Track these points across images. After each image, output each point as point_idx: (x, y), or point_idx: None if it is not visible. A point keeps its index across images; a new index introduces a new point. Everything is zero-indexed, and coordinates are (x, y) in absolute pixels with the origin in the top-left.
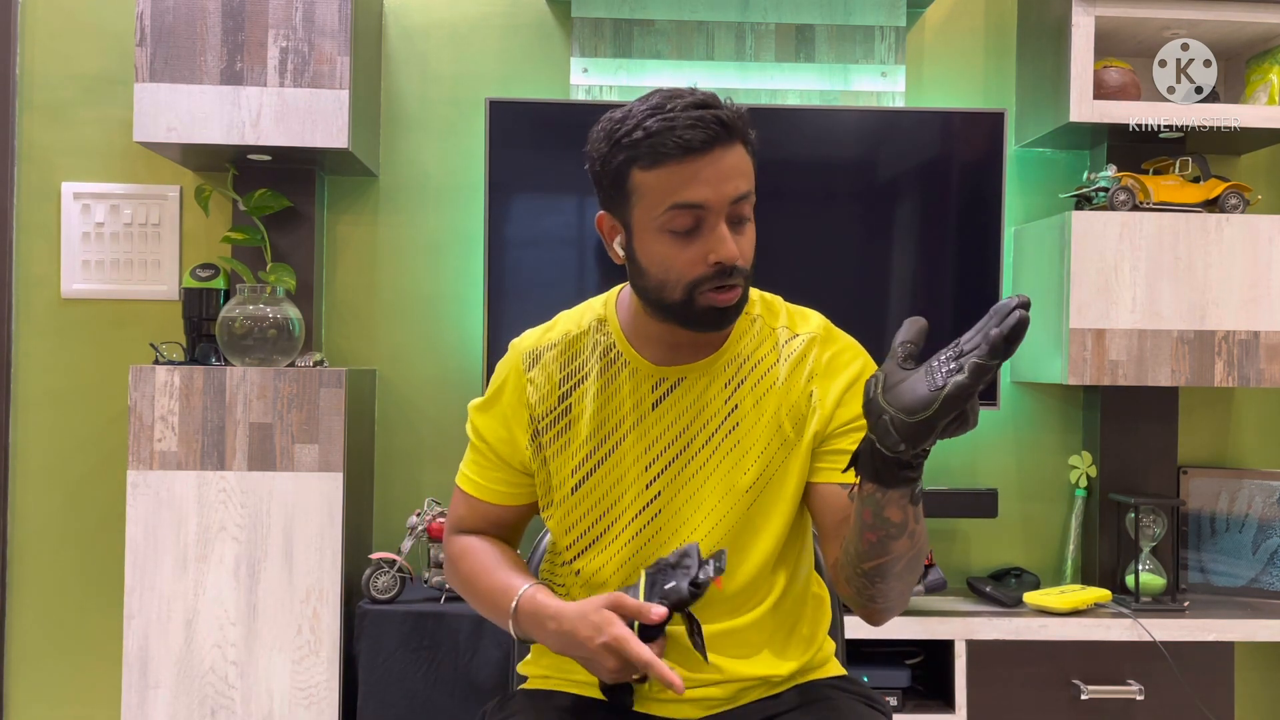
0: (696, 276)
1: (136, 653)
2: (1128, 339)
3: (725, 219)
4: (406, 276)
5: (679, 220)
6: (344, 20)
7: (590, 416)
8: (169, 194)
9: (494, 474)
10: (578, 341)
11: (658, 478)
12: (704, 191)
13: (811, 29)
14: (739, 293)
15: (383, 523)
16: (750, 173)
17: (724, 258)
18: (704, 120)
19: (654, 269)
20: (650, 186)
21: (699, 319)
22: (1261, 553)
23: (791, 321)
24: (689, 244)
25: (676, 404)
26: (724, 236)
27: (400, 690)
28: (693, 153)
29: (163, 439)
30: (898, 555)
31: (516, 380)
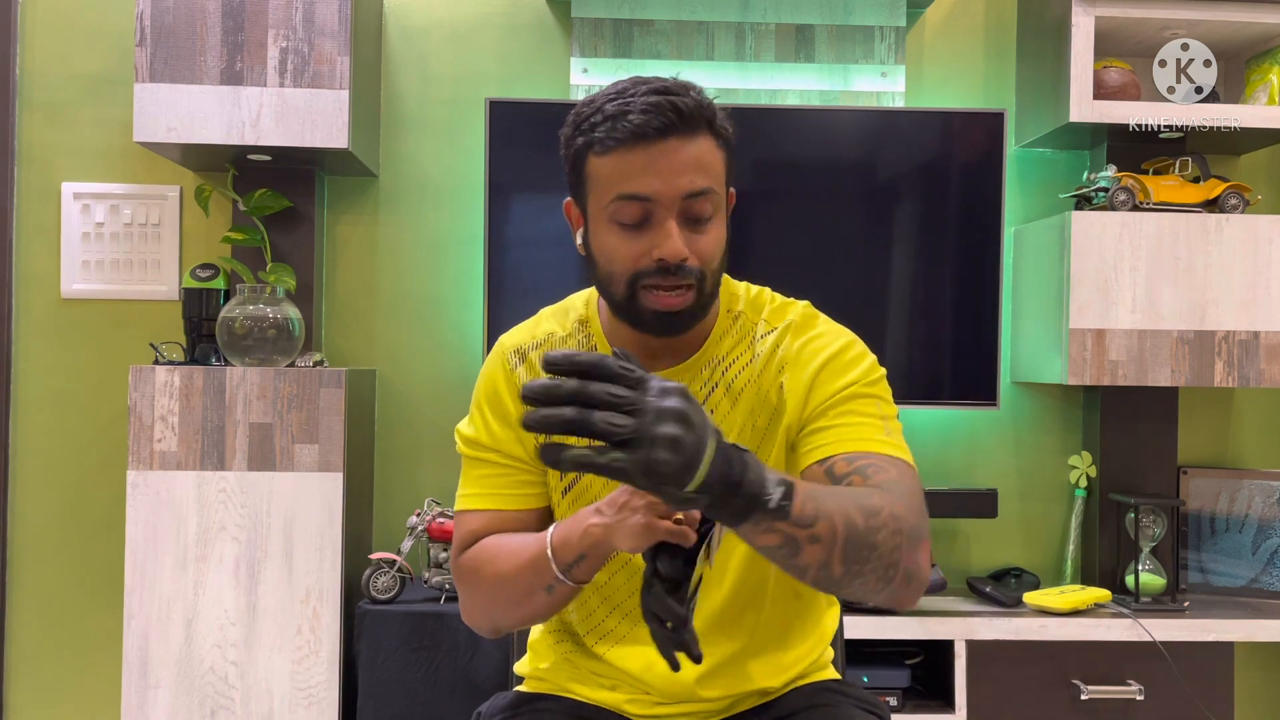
0: (638, 270)
1: (136, 652)
2: (1127, 339)
3: (677, 215)
4: (406, 276)
5: (626, 211)
6: (344, 20)
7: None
8: (169, 194)
9: (511, 477)
10: (562, 343)
11: None
12: (652, 183)
13: (811, 29)
14: (689, 296)
15: (382, 523)
16: (715, 168)
17: (666, 254)
18: (659, 107)
19: (601, 261)
20: (603, 174)
21: (643, 320)
22: (1261, 553)
23: (771, 315)
24: (636, 237)
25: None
26: (669, 232)
27: (400, 690)
28: (644, 140)
29: (163, 439)
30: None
31: (506, 378)
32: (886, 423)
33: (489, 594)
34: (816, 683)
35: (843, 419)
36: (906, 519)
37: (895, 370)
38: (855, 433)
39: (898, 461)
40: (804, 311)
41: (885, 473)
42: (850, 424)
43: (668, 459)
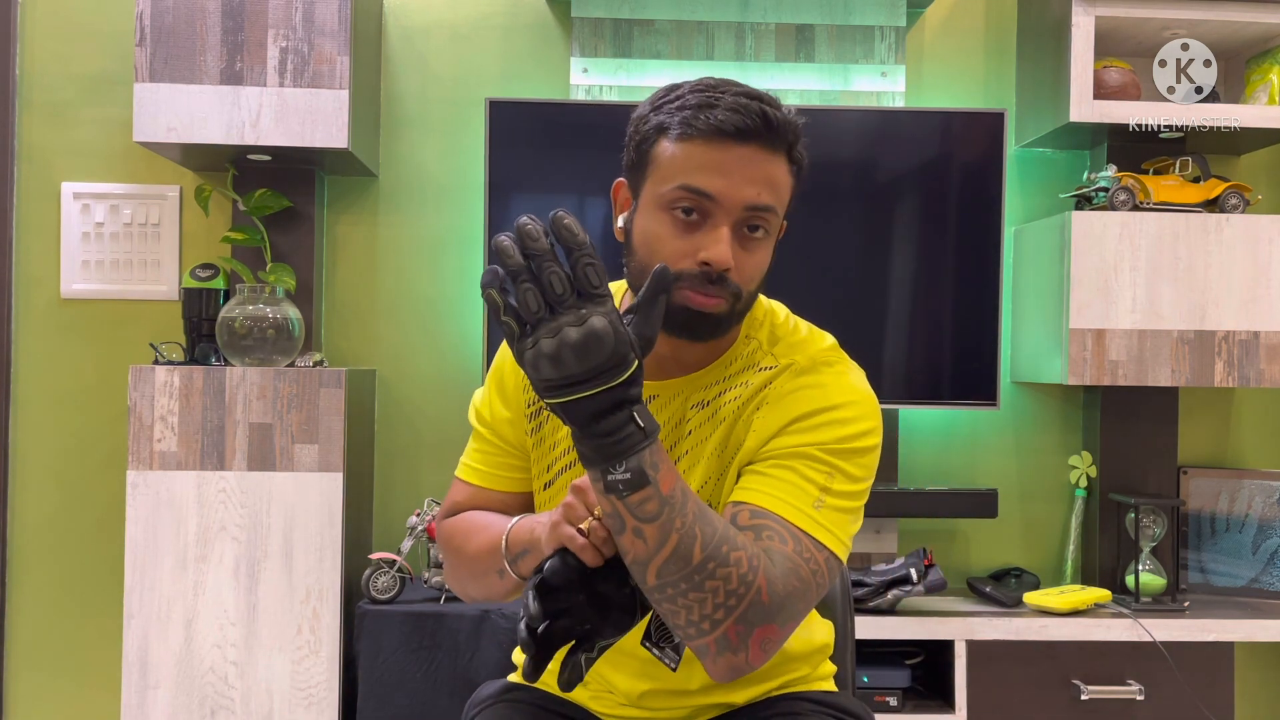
0: (679, 270)
1: (136, 653)
2: (1128, 339)
3: (733, 223)
4: (406, 276)
5: (684, 202)
6: (344, 20)
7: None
8: (169, 194)
9: (499, 459)
10: None
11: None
12: (719, 182)
13: (811, 29)
14: (721, 304)
15: (382, 523)
16: (782, 190)
17: (713, 258)
18: (748, 110)
19: (642, 249)
20: (670, 159)
21: (672, 317)
22: (1261, 553)
23: (783, 351)
24: (686, 233)
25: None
26: (721, 238)
27: (400, 690)
28: (724, 137)
29: (162, 439)
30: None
31: (514, 371)
32: (825, 496)
33: (457, 565)
34: (793, 693)
35: (777, 473)
36: (762, 589)
37: (895, 370)
38: (780, 491)
39: (804, 538)
40: (820, 355)
41: (780, 542)
42: (782, 481)
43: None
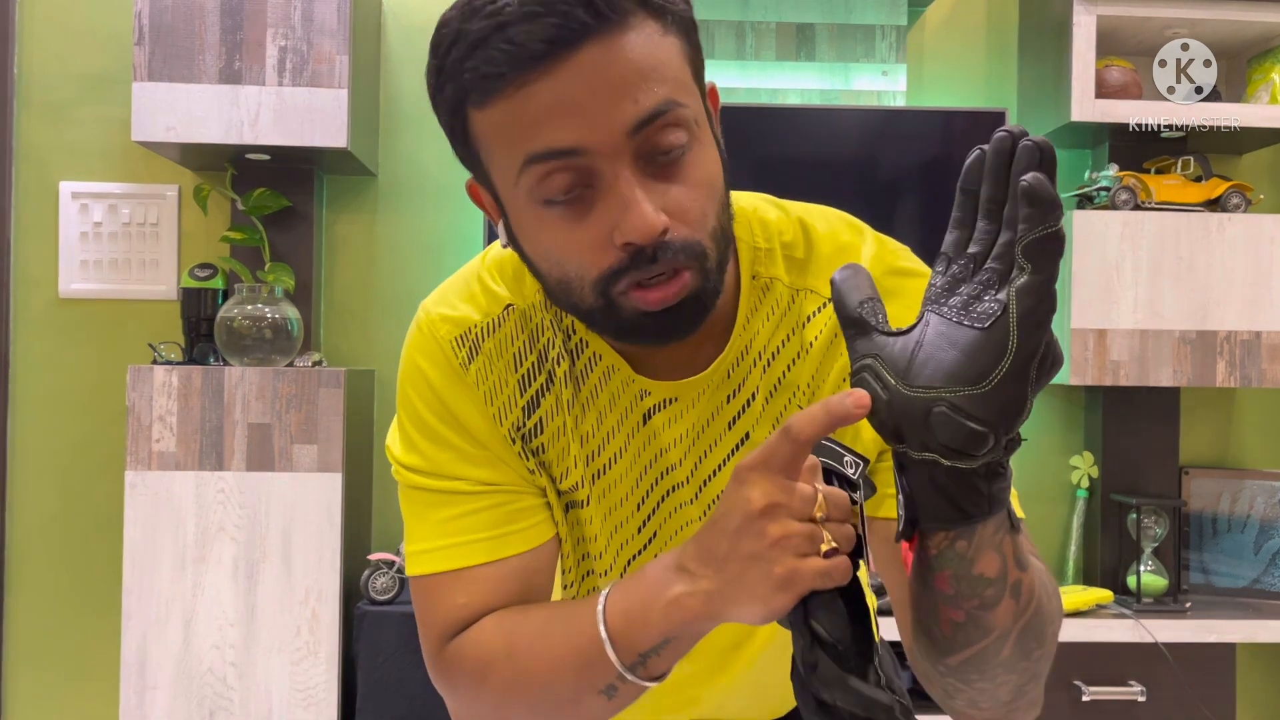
0: (605, 270)
1: (135, 654)
2: (1129, 339)
3: (630, 165)
4: (406, 276)
5: (549, 184)
6: (343, 19)
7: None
8: (167, 193)
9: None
10: (527, 320)
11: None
12: (571, 126)
13: (812, 28)
14: (686, 280)
15: (382, 523)
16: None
17: (633, 235)
18: (549, 5)
19: (543, 264)
20: (494, 137)
21: (636, 332)
22: (1263, 553)
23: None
24: (580, 219)
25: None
26: (628, 199)
27: (399, 691)
28: (538, 62)
29: (161, 439)
30: (1000, 632)
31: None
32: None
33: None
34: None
35: None
36: (1060, 615)
37: None
38: None
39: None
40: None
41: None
42: None
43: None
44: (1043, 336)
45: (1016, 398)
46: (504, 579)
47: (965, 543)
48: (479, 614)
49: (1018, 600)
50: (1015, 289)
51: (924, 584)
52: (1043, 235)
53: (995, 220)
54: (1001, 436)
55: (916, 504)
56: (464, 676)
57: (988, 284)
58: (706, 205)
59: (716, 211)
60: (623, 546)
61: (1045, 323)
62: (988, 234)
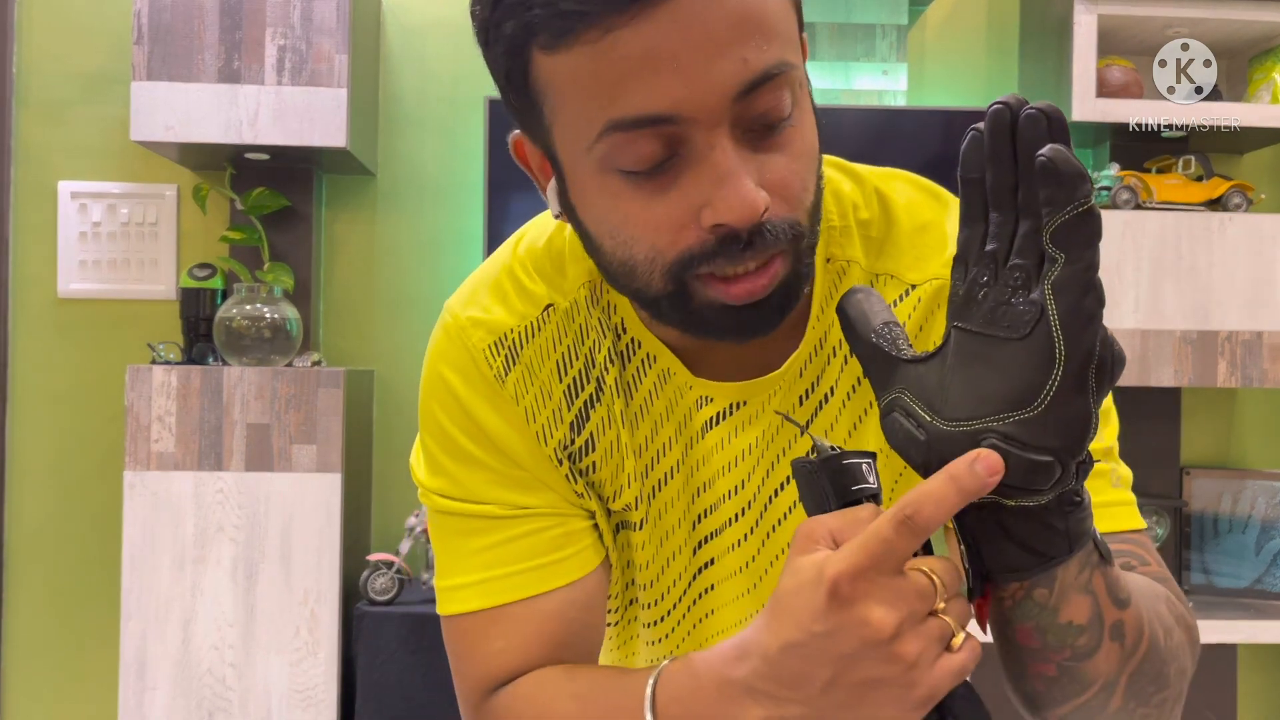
0: (684, 252)
1: (134, 654)
2: (1130, 339)
3: (730, 131)
4: (405, 276)
5: (633, 150)
6: (342, 19)
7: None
8: (166, 193)
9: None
10: (571, 321)
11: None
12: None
13: (813, 27)
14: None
15: (381, 524)
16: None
17: (732, 218)
18: None
19: (608, 241)
20: (567, 85)
21: (709, 326)
22: (1265, 554)
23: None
24: (662, 194)
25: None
26: (725, 173)
27: (398, 692)
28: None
29: (160, 439)
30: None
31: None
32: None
33: None
34: None
35: None
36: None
37: None
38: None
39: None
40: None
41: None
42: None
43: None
44: (1095, 334)
45: (1079, 414)
46: (549, 618)
47: (1045, 591)
48: (520, 661)
49: (1122, 644)
50: (1051, 284)
51: (1005, 639)
52: (1074, 216)
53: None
54: (1070, 462)
55: (983, 555)
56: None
57: (1017, 285)
58: (808, 179)
59: (817, 189)
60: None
61: (1095, 318)
62: (1004, 226)
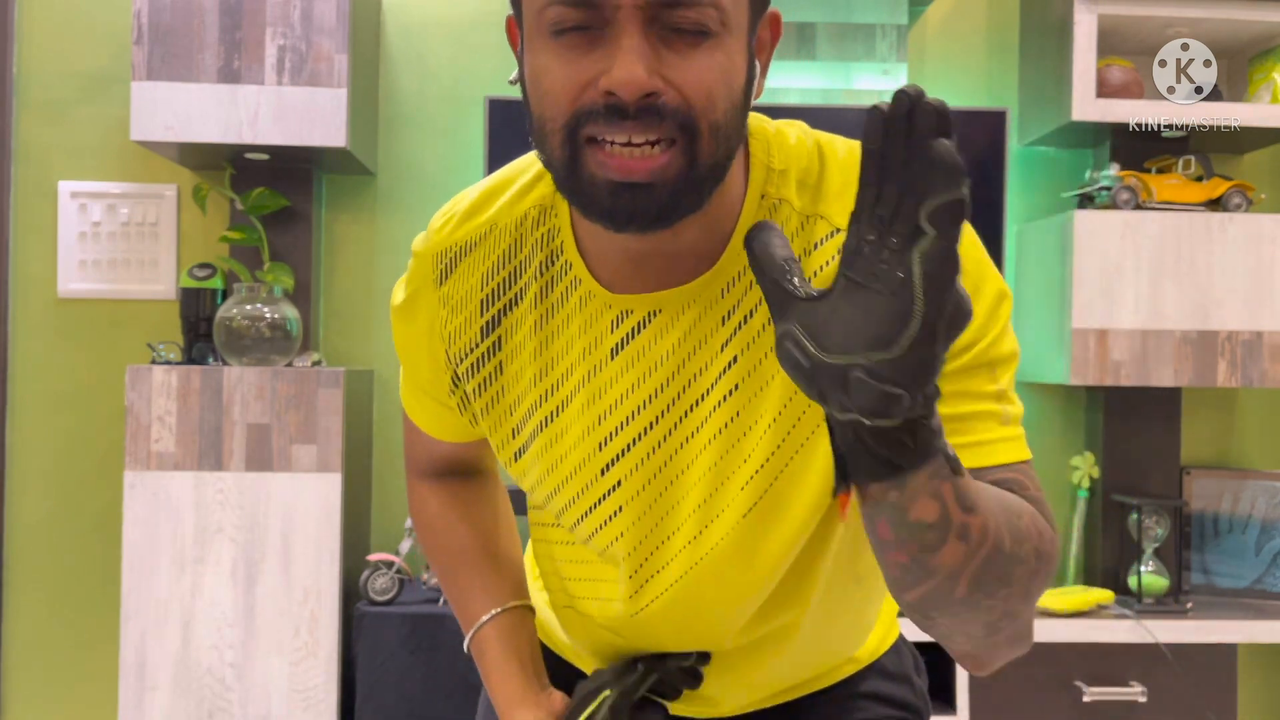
0: (576, 110)
1: (134, 654)
2: (1130, 339)
3: (642, 25)
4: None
5: (566, 18)
6: (342, 18)
7: (528, 354)
8: (166, 193)
9: (429, 404)
10: (510, 237)
11: (615, 462)
12: None
13: (813, 27)
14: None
15: (381, 524)
16: None
17: (614, 82)
18: None
19: (533, 94)
20: None
21: (594, 200)
22: (1265, 554)
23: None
24: (578, 58)
25: (646, 351)
26: (626, 49)
27: (398, 692)
28: None
29: (160, 439)
30: (949, 571)
31: (427, 298)
32: (1004, 405)
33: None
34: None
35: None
36: (1048, 556)
37: None
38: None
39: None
40: None
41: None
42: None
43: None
44: (949, 298)
45: (927, 358)
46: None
47: (898, 492)
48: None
49: (966, 542)
50: (920, 253)
51: (870, 532)
52: (950, 201)
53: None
54: (918, 395)
55: (847, 460)
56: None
57: (895, 248)
58: (714, 90)
59: (726, 109)
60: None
61: (950, 284)
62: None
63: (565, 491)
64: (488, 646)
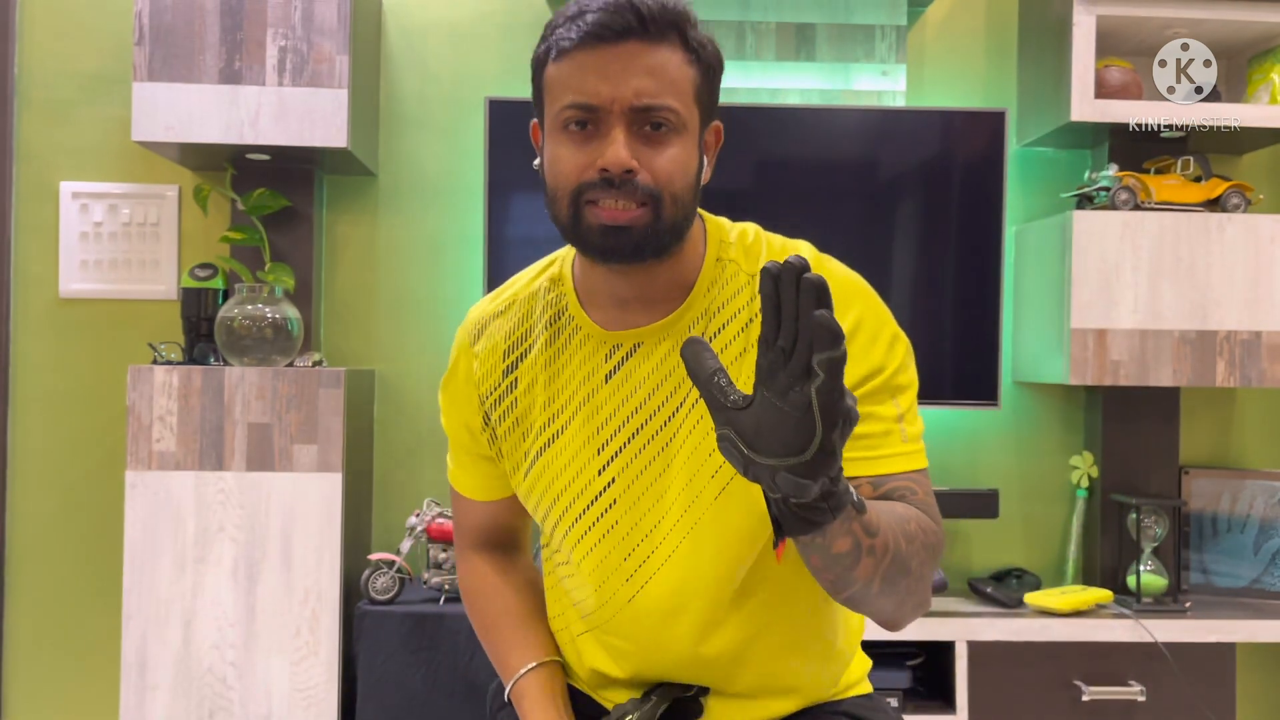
0: (581, 182)
1: (135, 654)
2: (1129, 339)
3: (626, 125)
4: (406, 276)
5: (574, 117)
6: (343, 19)
7: (539, 389)
8: (167, 193)
9: (470, 465)
10: (526, 305)
11: (610, 462)
12: (600, 87)
13: (812, 28)
14: (641, 214)
15: (382, 523)
16: (679, 84)
17: (607, 161)
18: (618, 7)
19: (549, 176)
20: (555, 81)
21: (590, 241)
22: (1263, 553)
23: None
24: (582, 148)
25: (632, 375)
26: (612, 140)
27: (399, 691)
28: (599, 42)
29: (161, 439)
30: (865, 579)
31: (465, 358)
32: (903, 426)
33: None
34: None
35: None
36: (933, 542)
37: None
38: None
39: (921, 476)
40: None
41: (913, 494)
42: (869, 435)
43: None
44: (838, 416)
45: (828, 458)
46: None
47: (821, 538)
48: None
49: (875, 557)
50: (816, 389)
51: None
52: (832, 357)
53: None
54: (824, 482)
55: (779, 524)
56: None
57: (796, 376)
58: (674, 175)
59: (681, 189)
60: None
61: (839, 407)
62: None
63: (569, 493)
64: (527, 691)
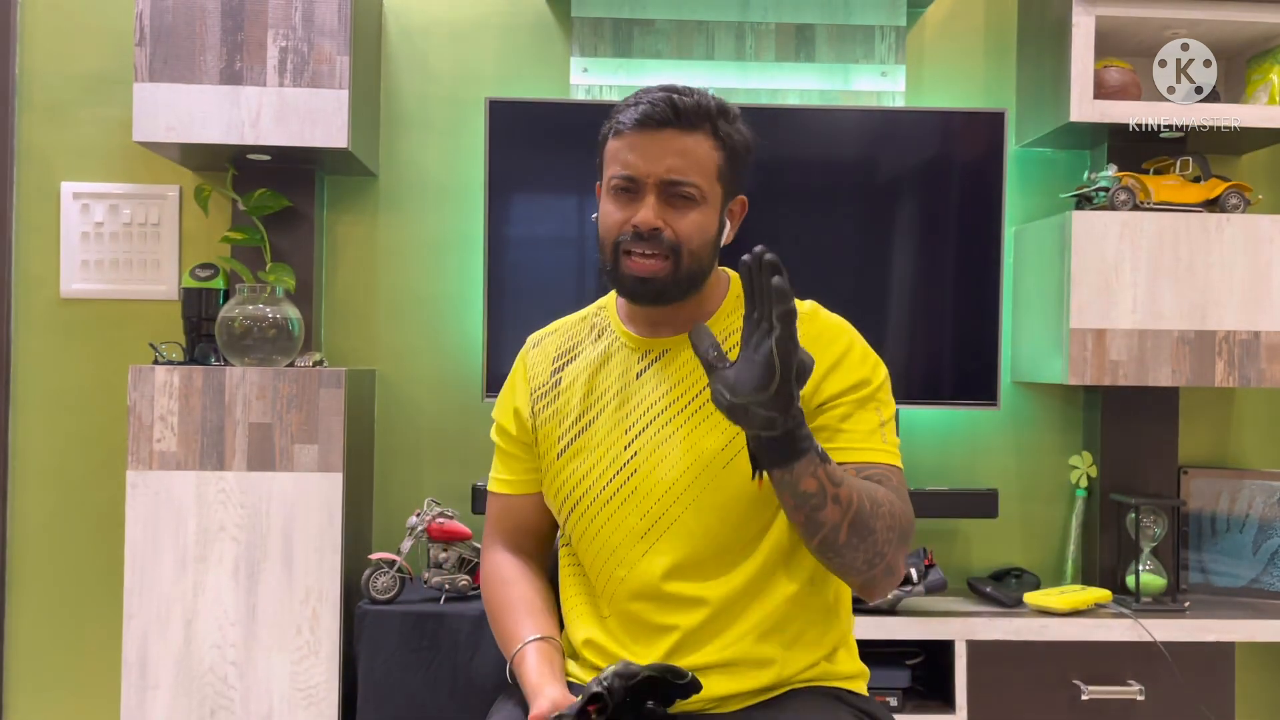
0: (618, 237)
1: (136, 653)
2: (1128, 339)
3: (657, 194)
4: (406, 276)
5: (619, 184)
6: (343, 20)
7: (580, 387)
8: (168, 194)
9: (516, 463)
10: (575, 327)
11: (635, 439)
12: (640, 163)
13: (811, 29)
14: (663, 266)
15: (382, 523)
16: (704, 165)
17: (638, 220)
18: (657, 101)
19: (600, 227)
20: (611, 154)
21: (625, 285)
22: (1262, 553)
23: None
24: (623, 209)
25: (659, 374)
26: (645, 204)
27: (400, 691)
28: (644, 127)
29: (162, 439)
30: (833, 523)
31: (521, 364)
32: (884, 430)
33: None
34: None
35: (849, 425)
36: (901, 519)
37: (895, 370)
38: (860, 441)
39: (896, 470)
40: (812, 305)
41: (888, 481)
42: (855, 431)
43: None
44: (793, 361)
45: (787, 396)
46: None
47: (789, 475)
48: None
49: (840, 506)
50: (775, 340)
51: (781, 502)
52: (784, 310)
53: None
54: (785, 418)
55: (756, 459)
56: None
57: (764, 334)
58: (692, 235)
59: (699, 246)
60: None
61: (792, 353)
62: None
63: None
64: (527, 655)
